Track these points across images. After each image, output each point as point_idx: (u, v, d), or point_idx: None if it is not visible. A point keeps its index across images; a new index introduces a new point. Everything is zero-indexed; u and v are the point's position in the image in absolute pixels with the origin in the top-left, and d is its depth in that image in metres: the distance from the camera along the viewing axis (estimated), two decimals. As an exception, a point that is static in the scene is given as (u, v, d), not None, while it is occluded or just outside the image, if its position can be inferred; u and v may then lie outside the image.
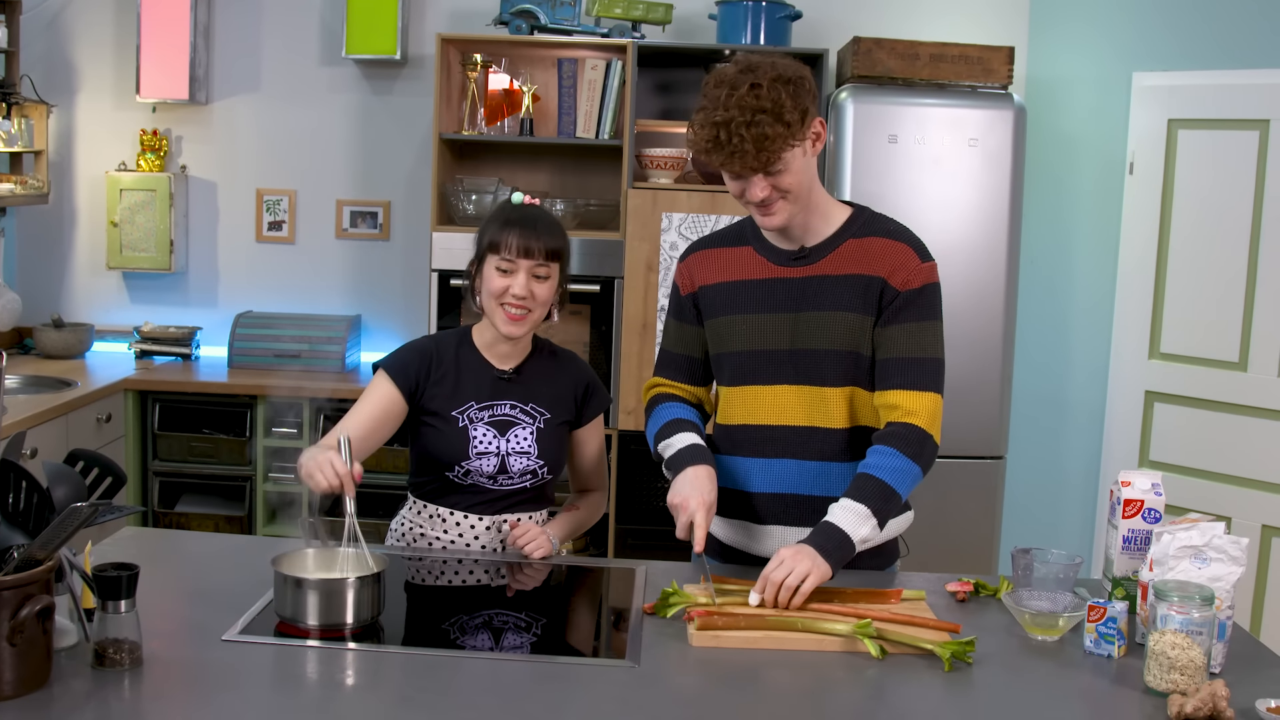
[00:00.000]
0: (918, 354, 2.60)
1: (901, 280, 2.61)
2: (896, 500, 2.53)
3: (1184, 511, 2.60)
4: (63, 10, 5.60)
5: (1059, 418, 5.33)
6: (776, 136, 2.47)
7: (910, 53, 4.80)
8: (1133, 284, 4.98)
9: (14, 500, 2.10)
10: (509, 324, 2.82)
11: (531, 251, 2.79)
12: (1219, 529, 2.33)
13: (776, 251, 2.71)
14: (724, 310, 2.74)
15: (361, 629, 2.31)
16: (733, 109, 2.47)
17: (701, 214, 4.88)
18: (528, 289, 2.80)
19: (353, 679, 2.15)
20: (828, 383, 2.65)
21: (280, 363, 5.35)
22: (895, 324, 2.60)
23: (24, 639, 1.88)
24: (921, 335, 2.61)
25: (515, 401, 2.90)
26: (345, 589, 2.31)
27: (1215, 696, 2.00)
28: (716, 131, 2.48)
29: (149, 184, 5.52)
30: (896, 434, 2.56)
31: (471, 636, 2.43)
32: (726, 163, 2.51)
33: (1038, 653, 2.33)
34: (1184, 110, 4.79)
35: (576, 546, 4.98)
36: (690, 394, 2.90)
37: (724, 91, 2.50)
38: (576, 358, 3.08)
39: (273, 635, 2.26)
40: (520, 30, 5.07)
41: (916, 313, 2.61)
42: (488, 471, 2.85)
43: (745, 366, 2.73)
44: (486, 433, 2.85)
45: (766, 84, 2.47)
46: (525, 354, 2.96)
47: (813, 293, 2.65)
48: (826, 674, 2.20)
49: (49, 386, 4.89)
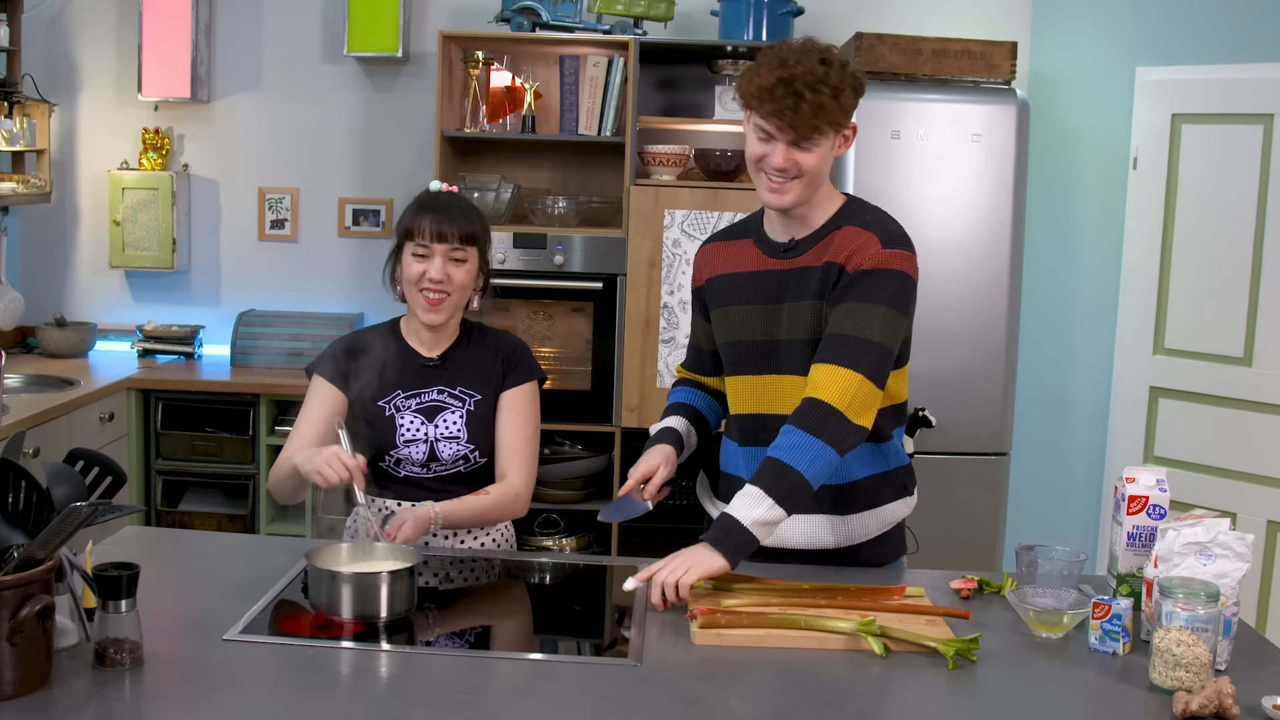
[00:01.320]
0: (848, 332, 2.52)
1: (855, 264, 2.57)
2: (795, 477, 2.43)
3: (1189, 507, 2.60)
4: (64, 9, 5.59)
5: (1063, 414, 5.32)
6: (831, 111, 2.50)
7: (913, 48, 4.79)
8: (1137, 279, 4.97)
9: (14, 500, 2.09)
10: (427, 310, 2.85)
11: (445, 235, 2.82)
12: (1224, 525, 2.32)
13: (770, 244, 2.73)
14: (722, 301, 2.78)
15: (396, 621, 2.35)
16: (803, 69, 2.48)
17: (704, 210, 4.87)
18: (444, 272, 2.82)
19: (353, 677, 2.15)
20: (802, 371, 2.62)
21: (283, 361, 5.34)
22: (838, 304, 2.56)
23: (24, 639, 1.88)
24: (860, 315, 2.53)
25: (443, 386, 2.90)
26: (379, 583, 2.35)
27: (1221, 694, 1.99)
28: (776, 84, 2.49)
29: (151, 182, 5.51)
30: (799, 411, 2.50)
31: (472, 635, 2.43)
32: (773, 116, 2.51)
33: (1042, 650, 2.32)
34: (1188, 105, 4.78)
35: (580, 544, 4.98)
36: (702, 383, 2.97)
37: (795, 53, 2.52)
38: (506, 333, 3.05)
39: (274, 634, 2.25)
40: (522, 27, 5.07)
41: (861, 293, 2.55)
42: (418, 459, 2.86)
43: (736, 357, 2.76)
44: (414, 420, 2.86)
45: (836, 66, 2.52)
46: (452, 339, 2.96)
47: (792, 284, 2.66)
48: (830, 672, 2.19)
49: (52, 386, 4.89)
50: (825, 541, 2.72)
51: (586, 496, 5.06)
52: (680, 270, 4.87)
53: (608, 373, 4.98)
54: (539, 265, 4.92)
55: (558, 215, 5.10)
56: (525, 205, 5.19)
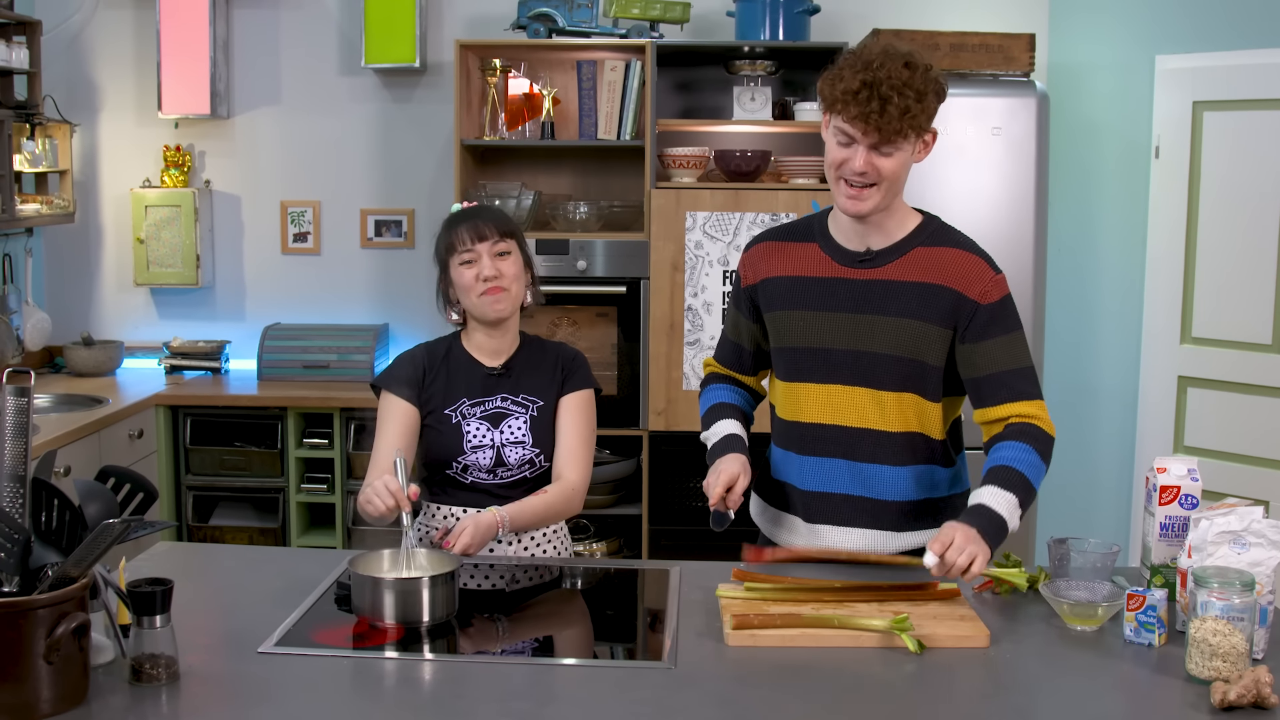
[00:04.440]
0: (1015, 365, 2.60)
1: (979, 293, 2.59)
2: (1033, 494, 2.52)
3: (1221, 496, 2.58)
4: (83, 30, 5.63)
5: (1091, 405, 5.30)
6: (916, 114, 2.50)
7: (930, 43, 4.78)
8: (1162, 268, 4.94)
9: (46, 518, 2.10)
10: (492, 304, 2.90)
11: (485, 234, 2.89)
12: (1257, 513, 2.31)
13: (842, 251, 2.69)
14: (783, 304, 2.73)
15: (436, 627, 2.38)
16: (884, 73, 2.47)
17: (725, 212, 4.87)
18: (495, 268, 2.88)
19: (389, 687, 2.15)
20: (885, 386, 2.64)
21: (309, 374, 5.36)
22: (987, 339, 2.59)
23: (60, 657, 1.89)
24: (1014, 347, 2.61)
25: (507, 394, 2.95)
26: (420, 588, 2.39)
27: (1259, 683, 1.98)
28: (861, 87, 2.47)
29: (173, 200, 5.54)
30: (1027, 431, 2.56)
31: (507, 641, 2.44)
32: (858, 119, 2.49)
33: (1077, 643, 2.31)
34: (1208, 92, 4.75)
35: (610, 549, 4.98)
36: (740, 380, 2.96)
37: (878, 58, 2.50)
38: (563, 344, 3.11)
39: (309, 646, 2.26)
40: (538, 34, 5.07)
41: (1003, 325, 2.61)
42: (485, 465, 2.89)
43: (801, 363, 2.72)
44: (480, 427, 2.90)
45: (920, 70, 2.51)
46: (513, 349, 3.01)
47: (877, 296, 2.63)
48: (865, 671, 2.19)
49: (80, 404, 4.91)
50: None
51: (616, 501, 5.06)
52: (703, 272, 4.87)
53: (634, 377, 4.98)
54: (562, 271, 4.93)
55: (579, 220, 5.11)
56: (546, 211, 5.20)
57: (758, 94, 5.08)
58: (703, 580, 2.62)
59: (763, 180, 5.04)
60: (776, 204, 4.87)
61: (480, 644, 2.41)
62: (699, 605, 2.49)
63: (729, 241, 4.86)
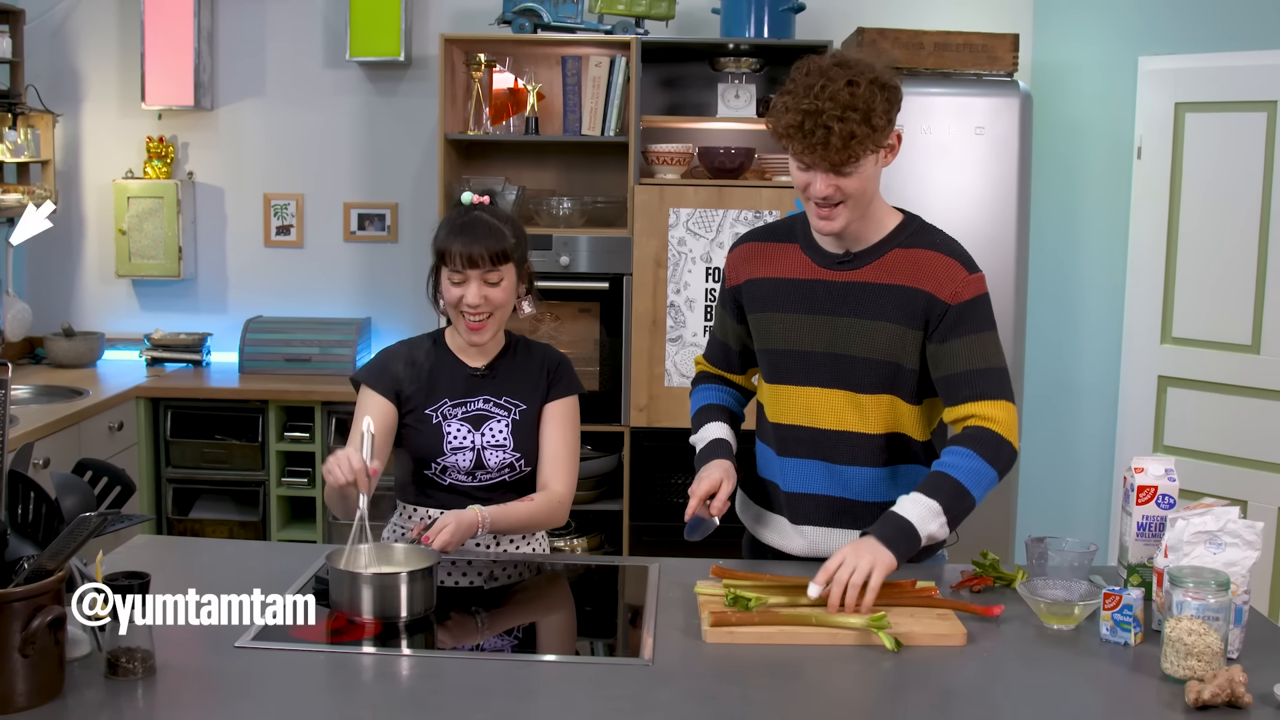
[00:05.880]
0: (981, 365, 2.58)
1: (950, 293, 2.58)
2: (969, 501, 2.50)
3: (1198, 496, 2.59)
4: (66, 19, 5.60)
5: (1072, 405, 5.31)
6: (862, 137, 2.44)
7: (914, 42, 4.79)
8: (1143, 268, 4.96)
9: (23, 511, 2.10)
10: (471, 333, 2.86)
11: (476, 261, 2.79)
12: (1234, 513, 2.32)
13: (822, 253, 2.68)
14: (765, 307, 2.73)
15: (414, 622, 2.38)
16: (825, 100, 2.42)
17: (709, 209, 4.87)
18: (480, 296, 2.81)
19: (365, 682, 2.15)
20: (863, 389, 2.64)
21: (291, 367, 5.35)
22: (954, 338, 2.58)
23: (36, 650, 1.89)
24: (982, 346, 2.59)
25: (489, 396, 2.91)
26: (398, 583, 2.39)
27: (1233, 682, 1.99)
28: (803, 119, 2.43)
29: (156, 191, 5.52)
30: (973, 436, 2.54)
31: (485, 637, 2.43)
32: (805, 152, 2.47)
33: (1054, 642, 2.32)
34: (1191, 93, 4.76)
35: (591, 545, 4.98)
36: (729, 379, 2.95)
37: (818, 81, 2.44)
38: (549, 346, 3.06)
39: (287, 641, 2.25)
40: (523, 29, 5.07)
41: (972, 325, 2.59)
42: (464, 467, 2.86)
43: (781, 365, 2.72)
44: (460, 428, 2.86)
45: (864, 84, 2.44)
46: (498, 350, 2.97)
47: (854, 299, 2.63)
48: (842, 668, 2.19)
49: (60, 396, 4.89)
50: None
51: (597, 496, 5.06)
52: (686, 269, 4.87)
53: (616, 373, 4.98)
54: (545, 266, 4.92)
55: (563, 216, 5.11)
56: (530, 206, 5.19)
57: (742, 91, 5.09)
58: (682, 577, 2.62)
59: (746, 177, 5.04)
60: (760, 201, 4.87)
61: (458, 639, 2.41)
62: (678, 602, 2.49)
63: (712, 238, 4.86)
